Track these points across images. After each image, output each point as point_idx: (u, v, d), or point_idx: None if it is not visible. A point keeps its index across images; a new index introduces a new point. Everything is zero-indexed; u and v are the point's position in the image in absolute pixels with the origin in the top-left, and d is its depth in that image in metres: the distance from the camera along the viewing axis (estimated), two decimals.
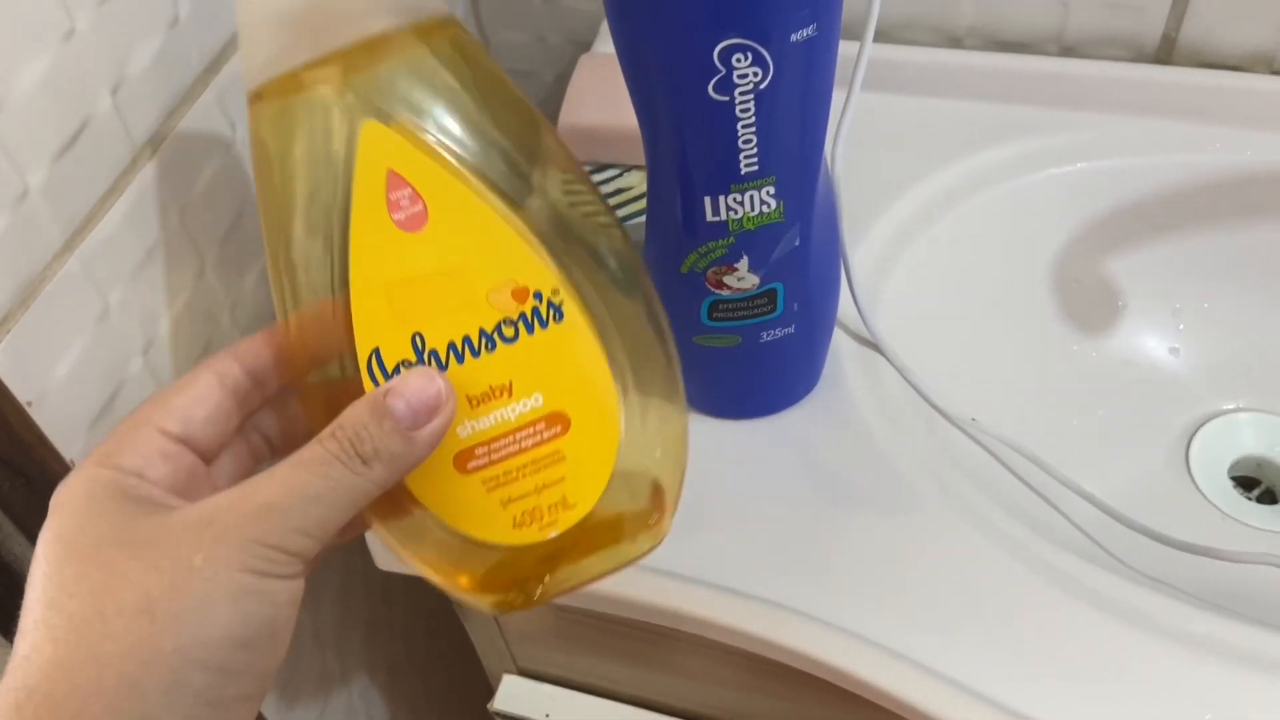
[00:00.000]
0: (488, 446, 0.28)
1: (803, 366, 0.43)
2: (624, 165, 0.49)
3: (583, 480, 0.29)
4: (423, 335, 0.28)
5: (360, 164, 0.27)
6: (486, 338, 0.28)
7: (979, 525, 0.40)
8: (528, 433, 0.28)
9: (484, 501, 0.28)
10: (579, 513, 0.29)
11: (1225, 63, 0.51)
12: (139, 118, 0.35)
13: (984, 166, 0.51)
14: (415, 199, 0.27)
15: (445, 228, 0.28)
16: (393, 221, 0.27)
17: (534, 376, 0.28)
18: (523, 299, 0.28)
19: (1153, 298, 0.52)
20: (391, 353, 0.27)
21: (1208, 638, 0.36)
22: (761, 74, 0.31)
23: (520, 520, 0.28)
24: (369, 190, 0.27)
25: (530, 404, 0.28)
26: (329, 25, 0.27)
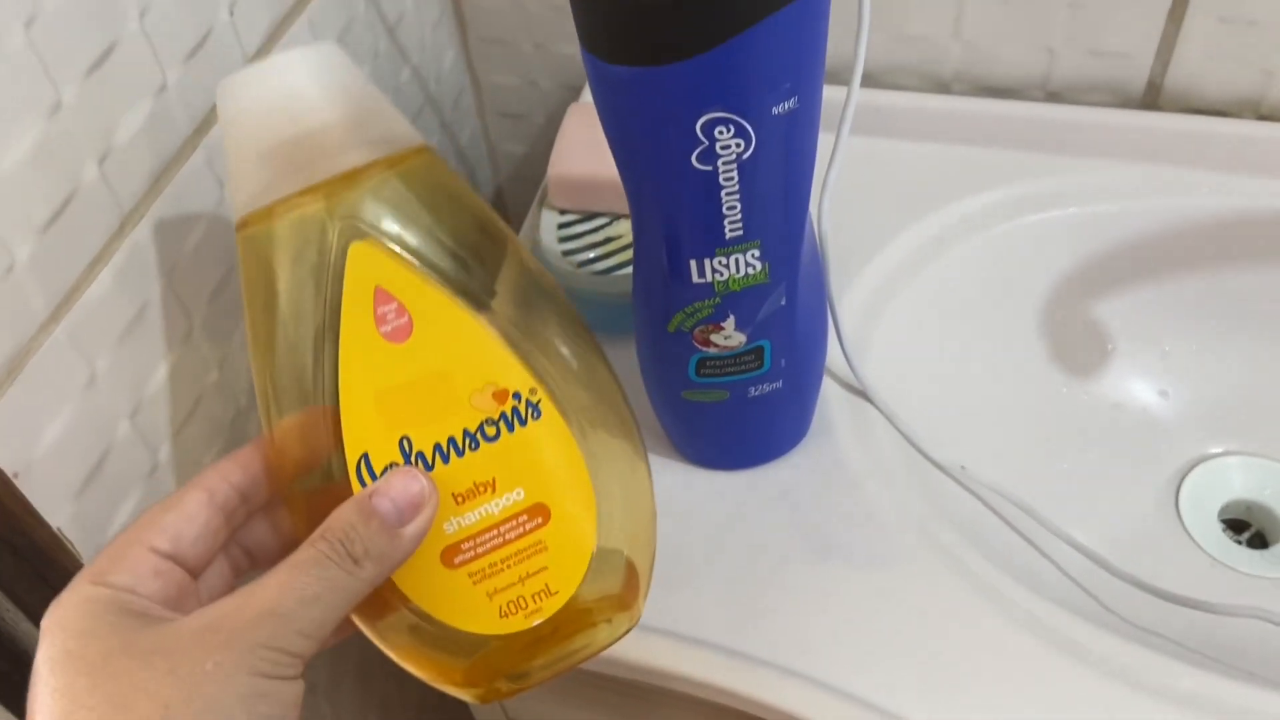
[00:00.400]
0: (473, 541, 0.29)
1: (791, 419, 0.43)
2: (613, 214, 0.49)
3: (563, 568, 0.30)
4: (410, 438, 0.29)
5: (349, 281, 0.29)
6: (470, 437, 0.30)
7: (968, 580, 0.40)
8: (511, 525, 0.30)
9: (470, 594, 0.29)
10: (561, 599, 0.30)
11: (1211, 108, 0.51)
12: (127, 184, 0.35)
13: (971, 212, 0.51)
14: (401, 312, 0.29)
15: (429, 337, 0.30)
16: (380, 334, 0.29)
17: (515, 472, 0.30)
18: (503, 400, 0.30)
19: (1142, 341, 0.52)
20: (380, 456, 0.29)
21: (1196, 695, 0.36)
22: (744, 145, 0.31)
23: (506, 610, 0.29)
24: (357, 306, 0.29)
25: (513, 498, 0.30)
26: (311, 160, 0.29)
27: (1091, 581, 0.44)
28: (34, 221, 0.32)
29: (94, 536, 0.35)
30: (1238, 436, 0.51)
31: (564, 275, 0.48)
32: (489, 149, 0.66)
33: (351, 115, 0.30)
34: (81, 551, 0.35)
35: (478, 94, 0.63)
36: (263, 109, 0.30)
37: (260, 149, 0.29)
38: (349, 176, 0.30)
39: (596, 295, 0.47)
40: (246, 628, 0.25)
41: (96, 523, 0.35)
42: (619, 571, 0.31)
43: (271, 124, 0.30)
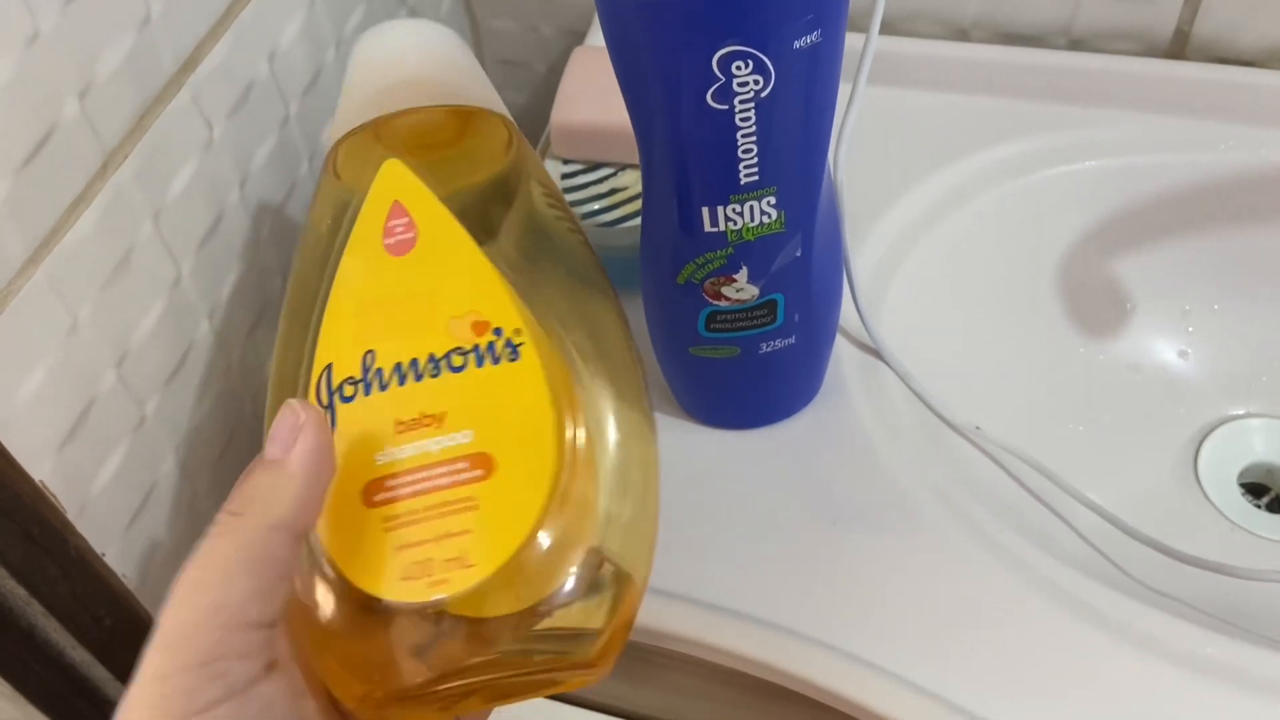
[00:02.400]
0: (400, 479, 0.26)
1: (803, 377, 0.42)
2: (619, 164, 0.47)
3: (490, 539, 0.25)
4: (374, 352, 0.27)
5: (373, 192, 0.29)
6: (434, 362, 0.27)
7: (982, 541, 0.39)
8: (445, 470, 0.26)
9: (378, 542, 0.25)
10: (477, 574, 0.25)
11: (1240, 58, 0.50)
12: (109, 122, 0.33)
13: (989, 165, 0.49)
14: (409, 228, 0.28)
15: (428, 256, 0.28)
16: (383, 245, 0.28)
17: (469, 411, 0.26)
18: (481, 331, 0.27)
19: (1162, 299, 0.51)
20: (341, 368, 0.27)
21: (1218, 661, 0.35)
22: (763, 82, 0.29)
23: (410, 571, 0.25)
24: (373, 215, 0.29)
25: (458, 439, 0.26)
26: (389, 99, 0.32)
27: (1108, 545, 0.42)
28: (11, 159, 0.30)
29: (79, 491, 0.34)
30: (1259, 398, 0.50)
31: None
32: None
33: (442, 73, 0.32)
34: (66, 506, 0.33)
35: (476, 39, 0.61)
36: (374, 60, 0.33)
37: (361, 93, 0.32)
38: (410, 113, 0.31)
39: (601, 248, 0.45)
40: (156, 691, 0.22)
41: (82, 477, 0.34)
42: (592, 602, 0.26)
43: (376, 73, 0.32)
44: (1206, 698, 0.35)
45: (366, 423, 0.26)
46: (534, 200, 0.31)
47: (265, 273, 0.43)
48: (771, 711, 0.42)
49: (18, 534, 0.32)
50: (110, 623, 0.36)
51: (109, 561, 0.36)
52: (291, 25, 0.42)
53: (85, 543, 0.34)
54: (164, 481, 0.38)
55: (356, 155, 0.31)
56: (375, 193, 0.29)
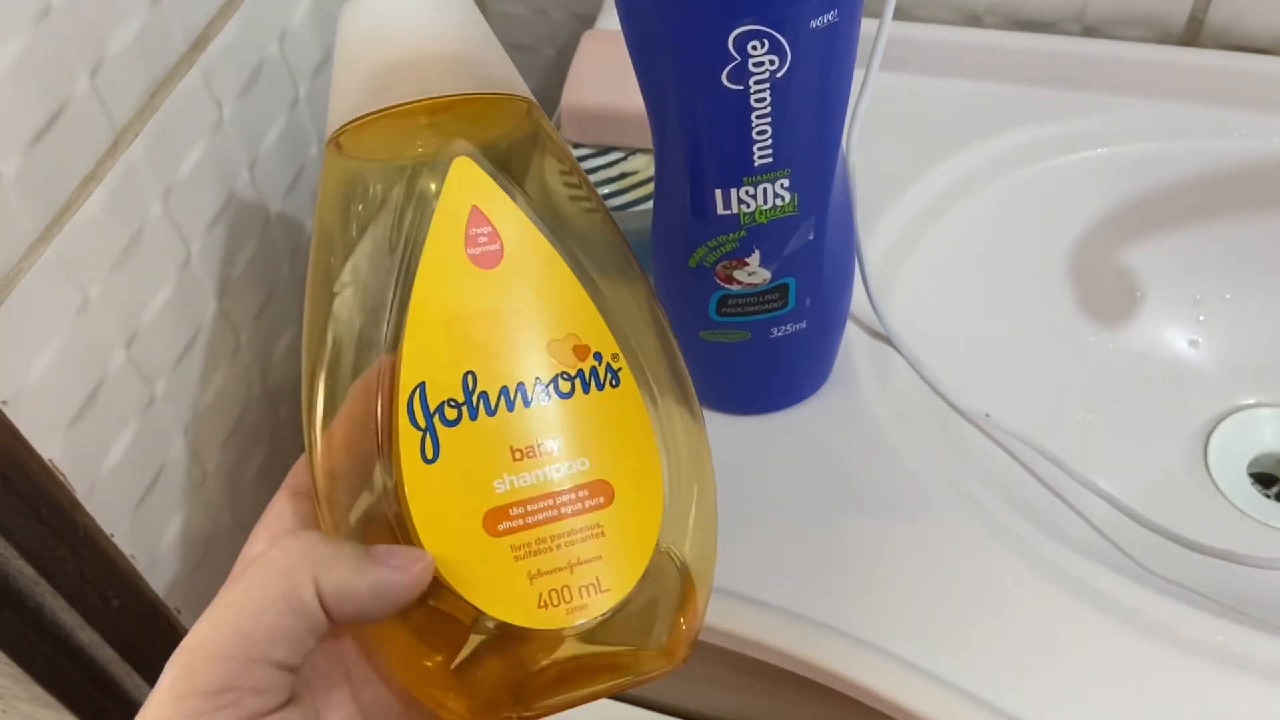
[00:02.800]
0: (524, 507, 0.25)
1: (814, 362, 0.41)
2: (630, 148, 0.47)
3: (620, 562, 0.26)
4: (475, 375, 0.26)
5: (445, 196, 0.26)
6: (542, 388, 0.26)
7: (992, 528, 0.39)
8: (570, 498, 0.26)
9: (509, 572, 0.25)
10: (612, 598, 0.25)
11: (1254, 45, 0.49)
12: (120, 99, 0.33)
13: (1000, 151, 0.49)
14: (494, 238, 0.26)
15: (519, 271, 0.26)
16: (467, 256, 0.26)
17: (584, 439, 0.26)
18: (584, 356, 0.26)
19: (1173, 288, 0.50)
20: (437, 389, 0.25)
21: (1227, 647, 0.35)
22: (778, 62, 0.29)
23: (547, 600, 0.25)
24: (450, 222, 0.26)
25: (576, 467, 0.26)
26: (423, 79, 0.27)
27: (1118, 533, 0.42)
28: (22, 135, 0.30)
29: (88, 471, 0.34)
30: (1270, 388, 0.49)
31: None
32: None
33: (464, 50, 0.28)
34: (75, 486, 0.33)
35: None
36: (377, 32, 0.28)
37: (367, 69, 0.28)
38: (460, 101, 0.27)
39: None
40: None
41: (91, 457, 0.34)
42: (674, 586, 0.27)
43: (383, 46, 0.28)
44: (1215, 684, 0.34)
45: (477, 449, 0.25)
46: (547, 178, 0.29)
47: (274, 255, 0.43)
48: (781, 696, 0.42)
49: (27, 513, 0.32)
50: (118, 603, 0.36)
51: (117, 542, 0.36)
52: (302, 5, 0.42)
53: (94, 523, 0.34)
54: (173, 462, 0.38)
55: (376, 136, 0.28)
56: (449, 195, 0.26)
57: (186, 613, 0.39)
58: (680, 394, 0.29)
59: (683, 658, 0.27)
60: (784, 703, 0.43)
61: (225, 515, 0.42)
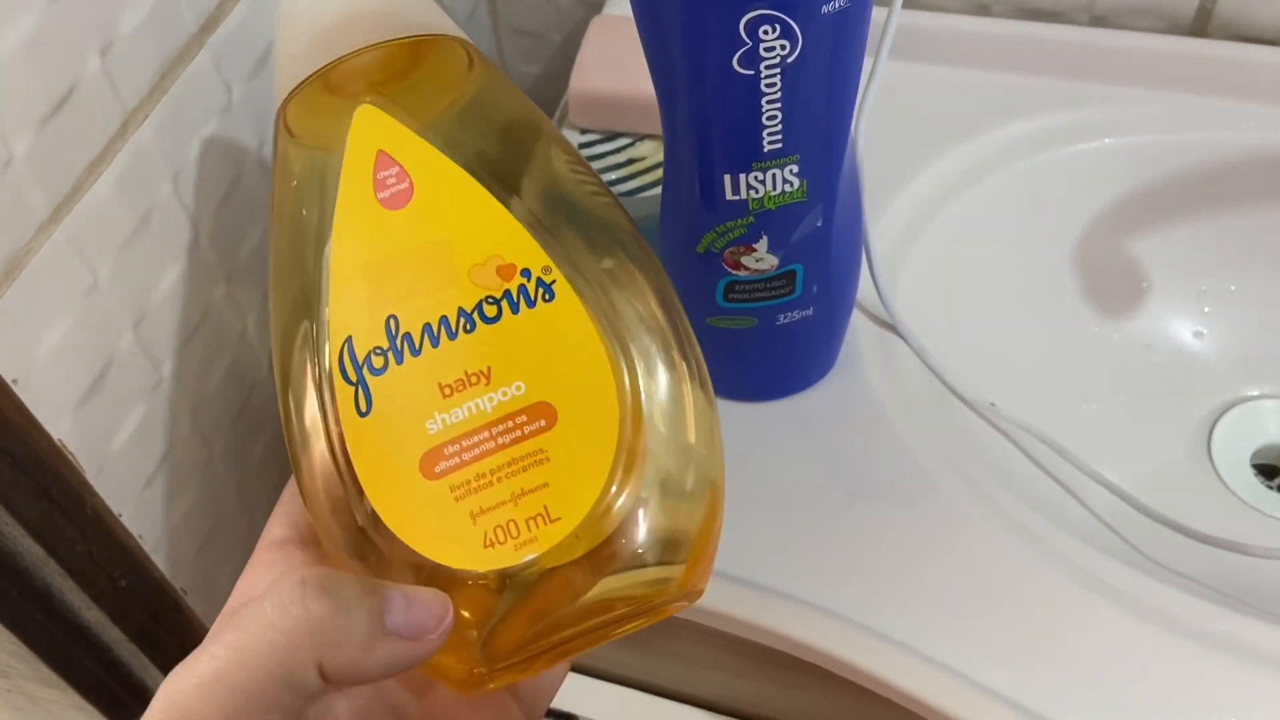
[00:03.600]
0: (459, 444, 0.24)
1: (820, 349, 0.42)
2: (637, 134, 0.47)
3: (571, 488, 0.24)
4: (397, 318, 0.25)
5: (351, 145, 0.26)
6: (466, 317, 0.25)
7: (996, 516, 0.39)
8: (506, 427, 0.24)
9: (450, 513, 0.24)
10: (565, 527, 0.23)
11: (1262, 37, 0.49)
12: (129, 80, 0.33)
13: (1007, 141, 0.49)
14: (402, 177, 0.26)
15: (430, 205, 0.25)
16: (377, 200, 0.26)
17: (516, 362, 0.25)
18: (509, 276, 0.25)
19: (1178, 279, 0.50)
20: (363, 339, 0.25)
21: (1230, 637, 0.35)
22: (790, 47, 0.29)
23: (492, 538, 0.23)
24: (356, 170, 0.26)
25: (510, 392, 0.24)
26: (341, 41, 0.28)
27: (1122, 523, 0.42)
28: (33, 115, 0.30)
29: (96, 450, 0.34)
30: (1274, 380, 0.50)
31: None
32: (502, 68, 0.64)
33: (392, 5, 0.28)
34: (84, 466, 0.33)
35: (492, 8, 0.60)
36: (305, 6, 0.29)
37: (300, 35, 0.28)
38: (380, 64, 0.27)
39: None
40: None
41: (99, 436, 0.34)
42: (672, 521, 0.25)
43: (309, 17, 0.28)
44: (1217, 672, 0.35)
45: (406, 392, 0.25)
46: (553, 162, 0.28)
47: None
48: (782, 681, 0.43)
49: (36, 492, 0.32)
50: (125, 584, 0.36)
51: (125, 522, 0.36)
52: None
53: (102, 503, 0.34)
54: (180, 444, 0.38)
55: (311, 109, 0.28)
56: (354, 145, 0.26)
57: (193, 593, 0.40)
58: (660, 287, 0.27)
59: (699, 583, 0.25)
60: (787, 688, 0.43)
61: (231, 496, 0.42)
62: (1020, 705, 0.34)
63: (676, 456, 0.25)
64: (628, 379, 0.25)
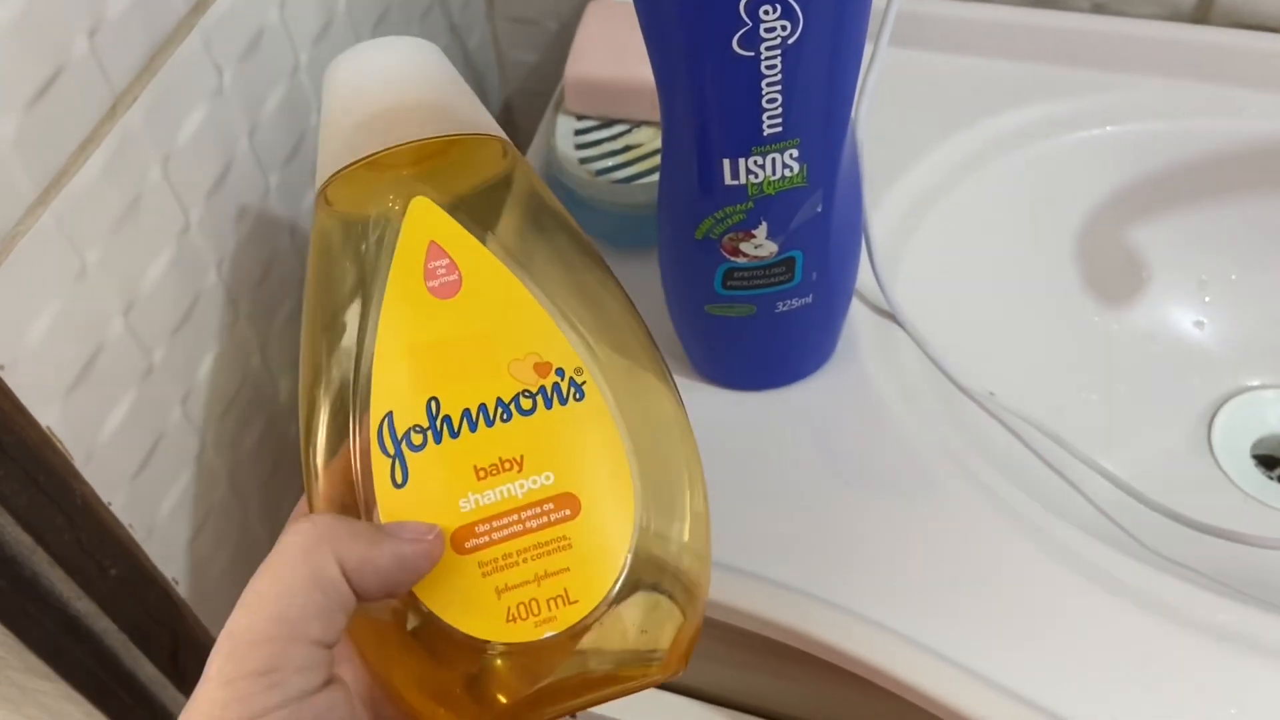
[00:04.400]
0: (490, 524, 0.26)
1: (818, 338, 0.41)
2: (634, 121, 0.46)
3: (589, 574, 0.26)
4: (438, 399, 0.27)
5: (405, 233, 0.28)
6: (503, 407, 0.27)
7: (996, 505, 0.39)
8: (534, 512, 0.27)
9: (477, 588, 0.26)
10: (581, 610, 0.26)
11: (1265, 24, 0.49)
12: (118, 62, 0.33)
13: (1008, 129, 0.49)
14: (452, 269, 0.28)
15: (477, 298, 0.28)
16: (427, 289, 0.28)
17: (547, 453, 0.27)
18: (545, 373, 0.27)
19: (1179, 268, 0.50)
20: (404, 417, 0.27)
21: (1233, 628, 0.35)
22: (790, 28, 0.29)
23: (515, 614, 0.26)
24: (409, 259, 0.28)
25: (540, 481, 0.27)
26: (389, 130, 0.29)
27: (1122, 513, 0.42)
28: (19, 96, 0.29)
29: (85, 438, 0.33)
30: (1275, 370, 0.49)
31: (580, 184, 0.45)
32: (498, 56, 0.63)
33: (435, 98, 0.30)
34: (73, 454, 0.33)
35: None
36: (355, 87, 0.30)
37: (345, 123, 0.30)
38: (421, 146, 0.29)
39: (614, 205, 0.45)
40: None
41: (89, 424, 0.33)
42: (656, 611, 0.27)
43: (361, 101, 0.30)
44: (1219, 663, 0.34)
45: (443, 470, 0.27)
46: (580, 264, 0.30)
47: (274, 224, 0.42)
48: (783, 672, 0.42)
49: (24, 480, 0.32)
50: (116, 573, 0.36)
51: (115, 511, 0.35)
52: None
53: (92, 491, 0.34)
54: (171, 432, 0.38)
55: (357, 189, 0.30)
56: (407, 233, 0.28)
57: (184, 583, 0.39)
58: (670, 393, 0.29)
59: (680, 667, 0.28)
60: (786, 679, 0.43)
61: (223, 485, 0.42)
62: (1020, 695, 0.34)
63: (675, 555, 0.28)
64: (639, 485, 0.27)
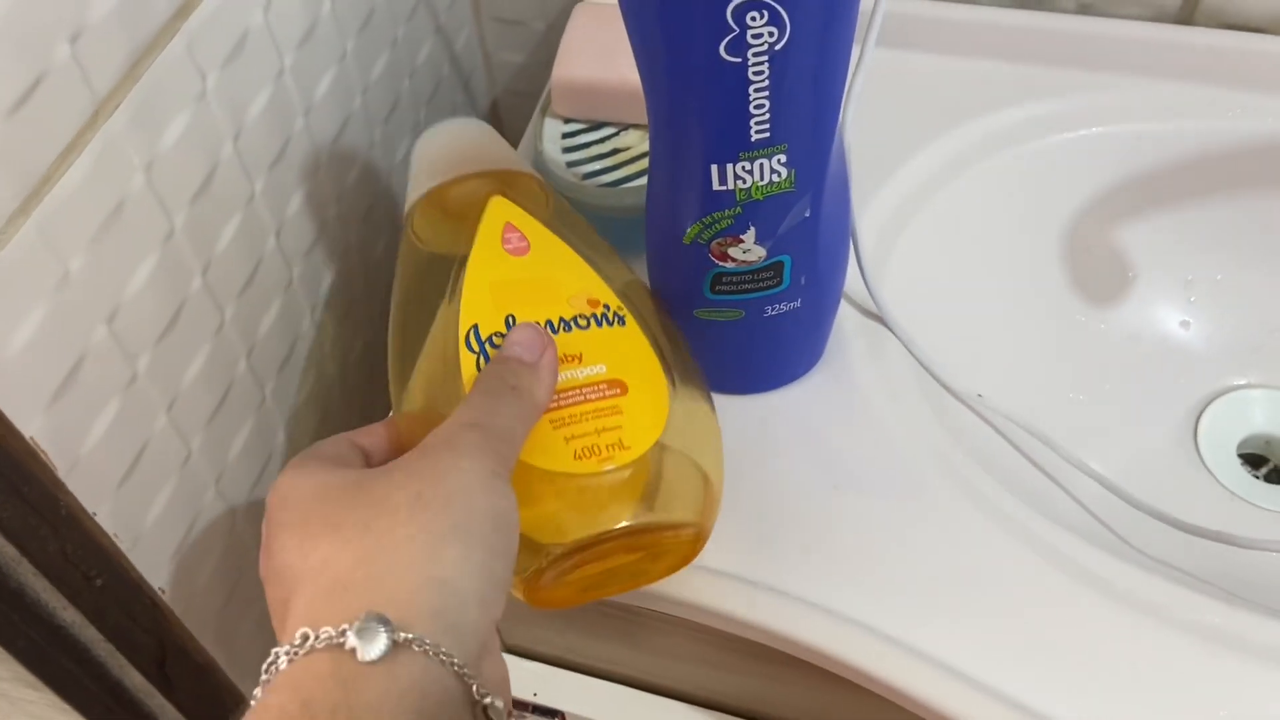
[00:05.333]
0: (558, 396, 0.34)
1: (808, 341, 0.41)
2: (621, 124, 0.46)
3: (637, 430, 0.34)
4: (514, 316, 0.35)
5: (486, 218, 0.37)
6: (565, 323, 0.35)
7: (984, 508, 0.39)
8: (592, 389, 0.34)
9: (550, 437, 0.33)
10: (633, 453, 0.33)
11: (1249, 24, 0.49)
12: (100, 68, 0.32)
13: (995, 129, 0.49)
14: (522, 239, 0.37)
15: (542, 256, 0.37)
16: (504, 249, 0.37)
17: (599, 352, 0.35)
18: (595, 306, 0.36)
19: (1165, 269, 0.50)
20: (487, 327, 0.34)
21: (1222, 629, 0.35)
22: (778, 34, 0.29)
23: (580, 453, 0.33)
24: (490, 233, 0.37)
25: (596, 370, 0.35)
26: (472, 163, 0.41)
27: (1109, 514, 0.42)
28: (0, 103, 0.29)
29: (69, 448, 0.33)
30: (1260, 369, 0.50)
31: (568, 188, 0.45)
32: (484, 57, 0.63)
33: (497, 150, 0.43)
34: (57, 465, 0.33)
35: None
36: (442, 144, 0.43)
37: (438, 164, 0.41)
38: (499, 172, 0.41)
39: (602, 209, 0.45)
40: (488, 442, 0.29)
41: (72, 434, 0.33)
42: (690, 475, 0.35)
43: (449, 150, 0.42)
44: (1207, 664, 0.34)
45: None
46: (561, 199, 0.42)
47: (259, 229, 0.42)
48: (768, 675, 0.42)
49: (7, 491, 0.31)
50: (102, 582, 0.36)
51: (100, 521, 0.35)
52: None
53: (76, 502, 0.34)
54: (156, 441, 0.37)
55: (433, 209, 0.40)
56: (488, 217, 0.37)
57: (171, 591, 0.39)
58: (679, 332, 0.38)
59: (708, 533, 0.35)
60: (776, 683, 0.43)
61: (209, 493, 0.41)
62: (1009, 697, 0.34)
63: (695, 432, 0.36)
64: (668, 375, 0.36)
